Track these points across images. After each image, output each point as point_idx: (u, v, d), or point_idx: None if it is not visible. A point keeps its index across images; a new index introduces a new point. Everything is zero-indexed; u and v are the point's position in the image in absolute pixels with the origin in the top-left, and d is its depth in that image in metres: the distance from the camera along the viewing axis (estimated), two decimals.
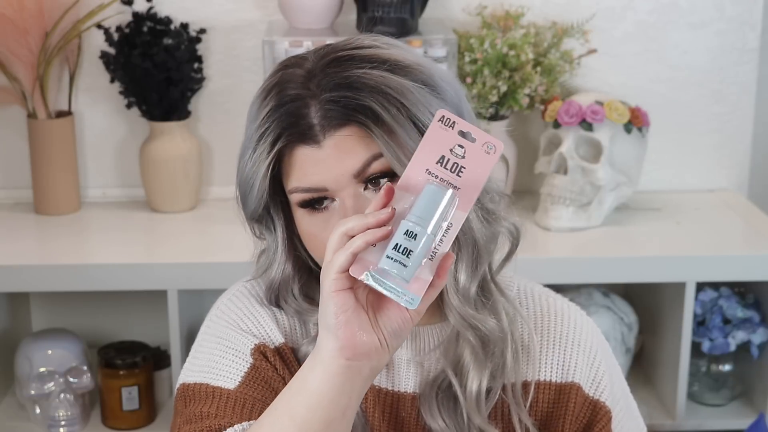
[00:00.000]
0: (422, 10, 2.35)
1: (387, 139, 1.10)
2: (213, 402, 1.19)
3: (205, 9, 2.42)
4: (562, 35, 2.38)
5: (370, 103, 1.10)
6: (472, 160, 1.01)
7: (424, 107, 1.11)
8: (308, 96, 1.12)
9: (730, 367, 2.35)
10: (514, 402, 1.22)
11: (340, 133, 1.11)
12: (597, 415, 1.26)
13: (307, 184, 1.13)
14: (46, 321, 2.50)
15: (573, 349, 1.26)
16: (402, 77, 1.12)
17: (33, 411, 2.26)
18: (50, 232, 2.33)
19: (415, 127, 1.10)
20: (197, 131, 2.48)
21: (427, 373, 1.23)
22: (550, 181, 2.30)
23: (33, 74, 2.31)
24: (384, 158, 1.11)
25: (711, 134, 2.56)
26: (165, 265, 2.14)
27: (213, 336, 1.26)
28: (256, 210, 1.18)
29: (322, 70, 1.13)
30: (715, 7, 2.48)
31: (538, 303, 1.29)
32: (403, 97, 1.10)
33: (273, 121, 1.13)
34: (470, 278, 1.18)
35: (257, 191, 1.16)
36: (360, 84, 1.11)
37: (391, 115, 1.10)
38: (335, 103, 1.10)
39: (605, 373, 1.27)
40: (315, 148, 1.12)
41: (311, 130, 1.11)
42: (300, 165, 1.13)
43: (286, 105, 1.13)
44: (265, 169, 1.14)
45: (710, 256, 2.21)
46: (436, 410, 1.21)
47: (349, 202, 1.12)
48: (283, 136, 1.12)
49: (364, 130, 1.10)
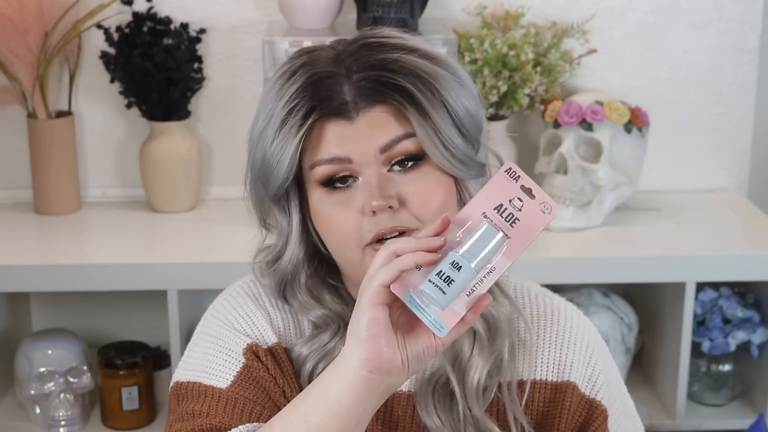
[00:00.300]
0: (422, 10, 2.35)
1: (421, 120, 1.13)
2: (205, 401, 1.20)
3: (205, 9, 2.42)
4: (562, 35, 2.38)
5: (405, 84, 1.13)
6: (528, 215, 1.05)
7: (456, 95, 1.15)
8: (340, 75, 1.14)
9: (730, 367, 2.35)
10: (510, 400, 1.23)
11: (375, 111, 1.13)
12: (593, 414, 1.26)
13: (332, 155, 1.14)
14: (46, 321, 2.50)
15: (569, 348, 1.27)
16: (433, 65, 1.15)
17: (33, 411, 2.26)
18: (50, 232, 2.32)
19: (447, 111, 1.14)
20: (197, 131, 2.48)
21: (423, 371, 1.24)
22: (550, 181, 2.30)
23: (33, 74, 2.31)
24: (415, 138, 1.13)
25: (711, 134, 2.56)
26: (165, 265, 2.14)
27: (207, 335, 1.27)
28: (282, 186, 1.18)
29: (353, 53, 1.15)
30: (715, 7, 2.48)
31: (535, 302, 1.30)
32: (437, 82, 1.14)
33: (304, 96, 1.14)
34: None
35: (286, 166, 1.15)
36: (396, 66, 1.13)
37: (425, 97, 1.13)
38: (371, 81, 1.13)
39: (601, 372, 1.27)
40: (347, 124, 1.13)
41: (345, 106, 1.13)
42: (328, 139, 1.14)
43: (319, 81, 1.14)
44: (297, 143, 1.14)
45: (710, 256, 2.21)
46: (432, 407, 1.22)
47: (374, 180, 1.13)
48: (316, 110, 1.14)
49: (398, 109, 1.13)
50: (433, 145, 1.13)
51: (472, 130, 1.16)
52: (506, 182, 1.05)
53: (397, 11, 2.24)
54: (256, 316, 1.26)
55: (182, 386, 1.24)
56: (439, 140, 1.13)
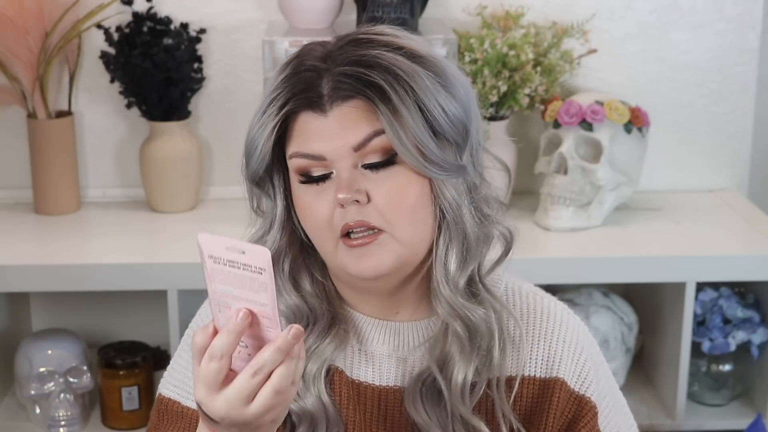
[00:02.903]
0: (422, 10, 2.35)
1: (391, 118, 1.13)
2: (180, 424, 1.27)
3: (205, 9, 2.42)
4: (562, 35, 2.38)
5: (379, 81, 1.13)
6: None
7: (432, 96, 1.14)
8: (323, 69, 1.15)
9: (730, 367, 2.35)
10: (499, 398, 1.23)
11: (347, 105, 1.14)
12: (582, 410, 1.26)
13: (308, 150, 1.16)
14: (46, 321, 2.50)
15: (558, 344, 1.27)
16: (415, 63, 1.15)
17: (33, 411, 2.26)
18: (50, 232, 2.32)
19: (419, 111, 1.13)
20: (197, 131, 2.48)
21: (411, 368, 1.25)
22: (550, 181, 2.30)
23: (33, 74, 2.31)
24: (385, 136, 1.14)
25: (711, 134, 2.56)
26: (165, 265, 2.14)
27: (189, 347, 1.30)
28: (257, 171, 1.20)
29: (340, 48, 1.17)
30: (715, 7, 2.48)
31: (525, 300, 1.30)
32: (413, 81, 1.14)
33: (285, 87, 1.16)
34: (459, 270, 1.20)
35: (260, 151, 1.18)
36: (374, 63, 1.14)
37: (398, 95, 1.13)
38: (347, 77, 1.14)
39: (591, 369, 1.28)
40: (320, 117, 1.15)
41: (320, 99, 1.14)
42: (303, 131, 1.16)
43: (301, 74, 1.16)
44: (271, 130, 1.16)
45: (710, 256, 2.21)
46: (419, 404, 1.22)
47: (344, 173, 1.15)
48: (291, 100, 1.15)
49: (370, 105, 1.13)
50: (401, 144, 1.13)
51: (450, 132, 1.16)
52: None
53: (397, 11, 2.24)
54: None
55: (163, 402, 1.30)
56: (408, 140, 1.13)
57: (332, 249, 1.18)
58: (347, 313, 1.27)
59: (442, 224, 1.19)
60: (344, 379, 1.25)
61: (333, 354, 1.24)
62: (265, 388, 1.04)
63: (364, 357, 1.26)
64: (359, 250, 1.16)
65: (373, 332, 1.26)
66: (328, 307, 1.25)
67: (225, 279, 1.04)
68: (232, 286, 1.03)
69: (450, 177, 1.17)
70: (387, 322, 1.26)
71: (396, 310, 1.26)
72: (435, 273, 1.21)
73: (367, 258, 1.16)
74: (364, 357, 1.26)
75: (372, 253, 1.16)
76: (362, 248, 1.16)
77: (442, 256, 1.20)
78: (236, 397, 1.04)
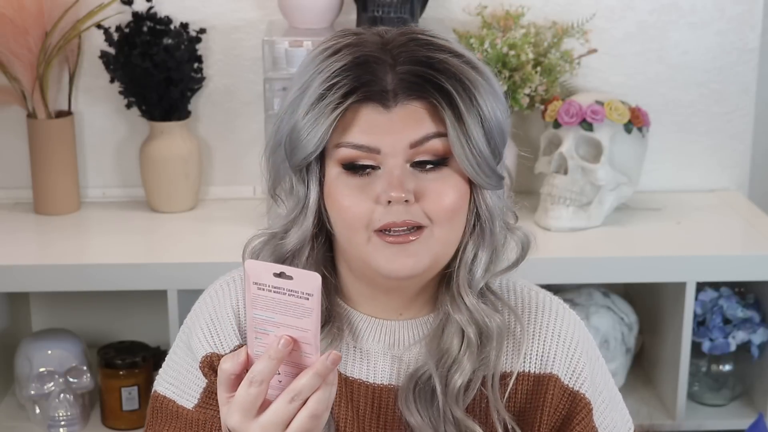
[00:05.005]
0: (422, 10, 2.35)
1: (455, 122, 1.15)
2: (175, 423, 1.27)
3: (205, 9, 2.42)
4: (562, 35, 2.38)
5: (447, 86, 1.15)
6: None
7: (491, 106, 1.17)
8: (387, 62, 1.15)
9: (730, 367, 2.34)
10: (494, 397, 1.23)
11: (412, 104, 1.15)
12: (576, 406, 1.27)
13: (363, 142, 1.15)
14: (46, 321, 2.50)
15: (552, 340, 1.27)
16: (475, 72, 1.17)
17: (33, 411, 2.26)
18: (50, 232, 2.32)
19: (480, 119, 1.16)
20: (197, 131, 2.48)
21: (406, 366, 1.25)
22: (550, 181, 2.30)
23: (33, 74, 2.31)
24: (444, 139, 1.15)
25: (711, 134, 2.56)
26: (165, 265, 2.14)
27: (184, 344, 1.32)
28: (306, 159, 1.18)
29: (403, 44, 1.17)
30: (715, 7, 2.48)
31: (520, 296, 1.30)
32: (477, 90, 1.16)
33: (347, 75, 1.15)
34: (482, 277, 1.22)
35: (316, 140, 1.16)
36: (442, 67, 1.15)
37: (463, 102, 1.15)
38: (415, 76, 1.15)
39: (585, 365, 1.28)
40: (383, 112, 1.15)
41: (385, 94, 1.15)
42: (361, 123, 1.15)
43: (365, 64, 1.15)
44: (332, 120, 1.15)
45: (710, 256, 2.21)
46: (412, 403, 1.22)
47: (397, 171, 1.15)
48: (357, 91, 1.15)
49: (434, 108, 1.15)
50: (461, 149, 1.15)
51: (498, 141, 1.19)
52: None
53: (397, 11, 2.24)
54: (227, 318, 1.28)
55: (159, 399, 1.31)
56: (468, 145, 1.15)
57: (363, 241, 1.17)
58: (342, 310, 1.27)
59: (475, 230, 1.21)
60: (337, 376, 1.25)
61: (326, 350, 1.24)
62: (302, 413, 1.05)
63: (358, 354, 1.26)
64: (397, 248, 1.16)
65: (369, 330, 1.26)
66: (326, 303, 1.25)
67: (267, 305, 1.05)
68: (273, 312, 1.04)
69: (492, 186, 1.19)
70: (384, 321, 1.26)
71: (400, 311, 1.26)
72: (458, 278, 1.21)
73: (405, 257, 1.16)
74: (359, 354, 1.26)
75: (411, 252, 1.16)
76: (401, 246, 1.16)
77: (469, 261, 1.21)
78: (273, 422, 1.05)
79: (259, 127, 2.43)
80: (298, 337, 1.04)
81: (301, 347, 1.05)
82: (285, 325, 1.04)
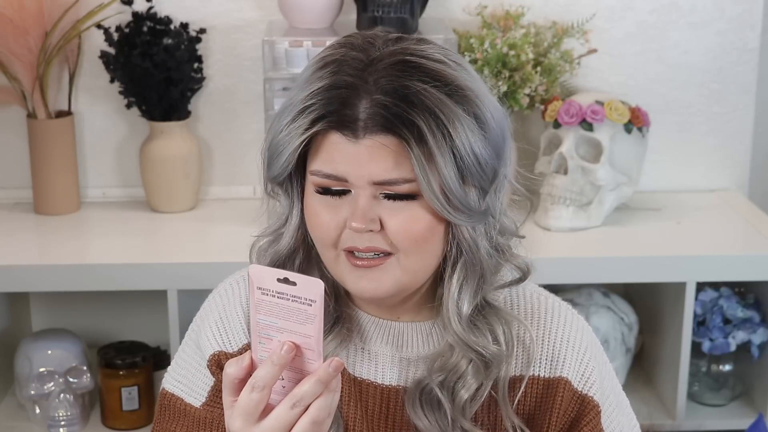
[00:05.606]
0: (422, 10, 2.35)
1: (423, 162, 1.10)
2: (183, 422, 1.27)
3: (205, 9, 2.42)
4: (562, 35, 2.38)
5: (419, 122, 1.10)
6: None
7: (468, 142, 1.12)
8: (362, 89, 1.12)
9: (730, 367, 2.34)
10: (503, 400, 1.23)
11: (380, 139, 1.11)
12: (585, 409, 1.27)
13: (330, 171, 1.14)
14: (46, 321, 2.50)
15: (562, 345, 1.27)
16: (457, 105, 1.12)
17: (33, 411, 2.26)
18: (50, 232, 2.32)
19: (452, 157, 1.11)
20: (197, 131, 2.48)
21: (414, 368, 1.25)
22: (551, 181, 2.30)
23: (33, 74, 2.31)
24: (413, 183, 1.12)
25: (711, 134, 2.56)
26: (165, 265, 2.14)
27: (193, 342, 1.31)
28: (279, 176, 1.18)
29: (385, 68, 1.13)
30: (715, 7, 2.48)
31: (529, 301, 1.30)
32: (452, 126, 1.11)
33: (321, 99, 1.12)
34: (470, 306, 1.21)
35: (284, 161, 1.16)
36: (417, 100, 1.11)
37: (435, 139, 1.10)
38: (386, 109, 1.10)
39: (594, 369, 1.28)
40: (351, 141, 1.12)
41: (354, 124, 1.11)
42: (330, 151, 1.13)
43: (339, 89, 1.12)
44: (298, 144, 1.14)
45: (710, 256, 2.21)
46: (419, 409, 1.22)
47: (362, 201, 1.13)
48: (325, 118, 1.12)
49: (404, 145, 1.11)
50: (429, 189, 1.11)
51: (478, 178, 1.14)
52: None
53: (397, 11, 2.24)
54: (237, 319, 1.28)
55: (167, 397, 1.31)
56: (438, 186, 1.11)
57: (333, 257, 1.18)
58: (352, 311, 1.27)
59: (458, 261, 1.19)
60: (346, 377, 1.25)
61: (335, 351, 1.24)
62: (303, 419, 1.05)
63: (366, 355, 1.26)
64: (361, 271, 1.16)
65: (376, 332, 1.26)
66: (334, 305, 1.25)
67: (271, 311, 1.05)
68: (277, 317, 1.04)
69: (472, 223, 1.16)
70: (390, 322, 1.26)
71: (397, 315, 1.27)
72: (446, 310, 1.20)
73: (368, 280, 1.16)
74: (367, 355, 1.26)
75: (374, 277, 1.16)
76: (365, 269, 1.16)
77: (455, 294, 1.20)
78: (274, 428, 1.05)
79: (259, 127, 2.43)
80: (301, 343, 1.04)
81: (304, 353, 1.05)
82: (288, 330, 1.04)
